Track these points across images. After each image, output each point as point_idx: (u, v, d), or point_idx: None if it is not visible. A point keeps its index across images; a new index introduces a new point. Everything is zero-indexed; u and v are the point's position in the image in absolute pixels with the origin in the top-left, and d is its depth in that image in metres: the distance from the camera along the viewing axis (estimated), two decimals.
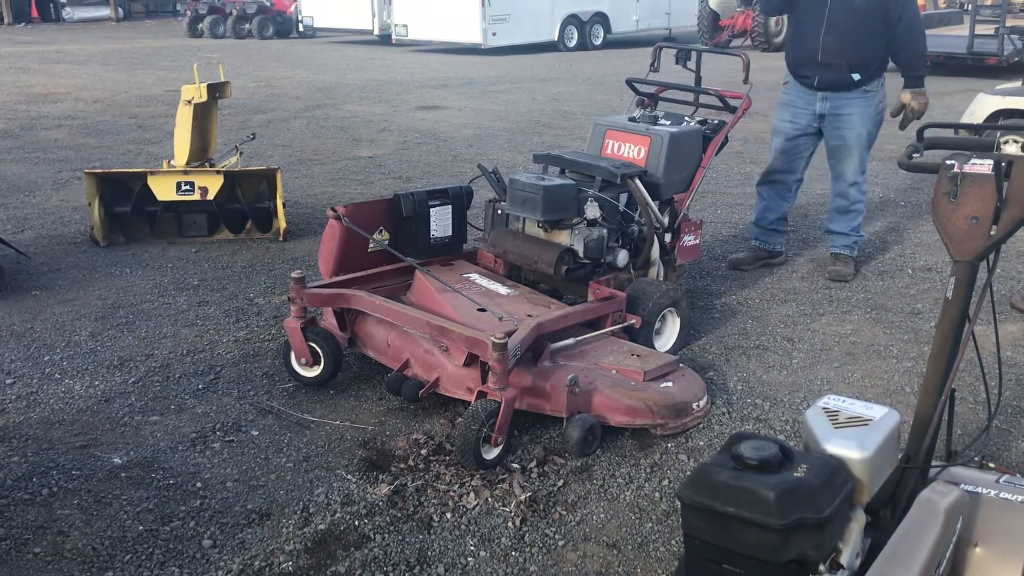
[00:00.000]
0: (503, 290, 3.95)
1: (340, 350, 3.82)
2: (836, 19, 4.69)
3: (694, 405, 3.48)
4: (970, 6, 15.51)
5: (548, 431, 3.41)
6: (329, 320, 3.95)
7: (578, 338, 3.64)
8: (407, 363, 3.62)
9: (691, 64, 4.75)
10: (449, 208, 4.22)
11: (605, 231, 4.00)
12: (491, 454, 3.16)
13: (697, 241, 4.49)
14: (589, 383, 3.34)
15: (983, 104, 7.48)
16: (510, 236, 4.13)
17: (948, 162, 2.23)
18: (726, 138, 4.51)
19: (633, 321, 3.82)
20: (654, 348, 3.86)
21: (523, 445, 3.32)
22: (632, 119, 4.49)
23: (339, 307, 3.87)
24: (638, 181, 4.09)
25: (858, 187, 5.06)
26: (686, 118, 4.52)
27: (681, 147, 4.28)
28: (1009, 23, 13.75)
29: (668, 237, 4.29)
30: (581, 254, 3.95)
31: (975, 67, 14.12)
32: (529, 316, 3.58)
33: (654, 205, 4.15)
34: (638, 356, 3.61)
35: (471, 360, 3.37)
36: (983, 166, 2.17)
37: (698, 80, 4.78)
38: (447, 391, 3.48)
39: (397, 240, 4.14)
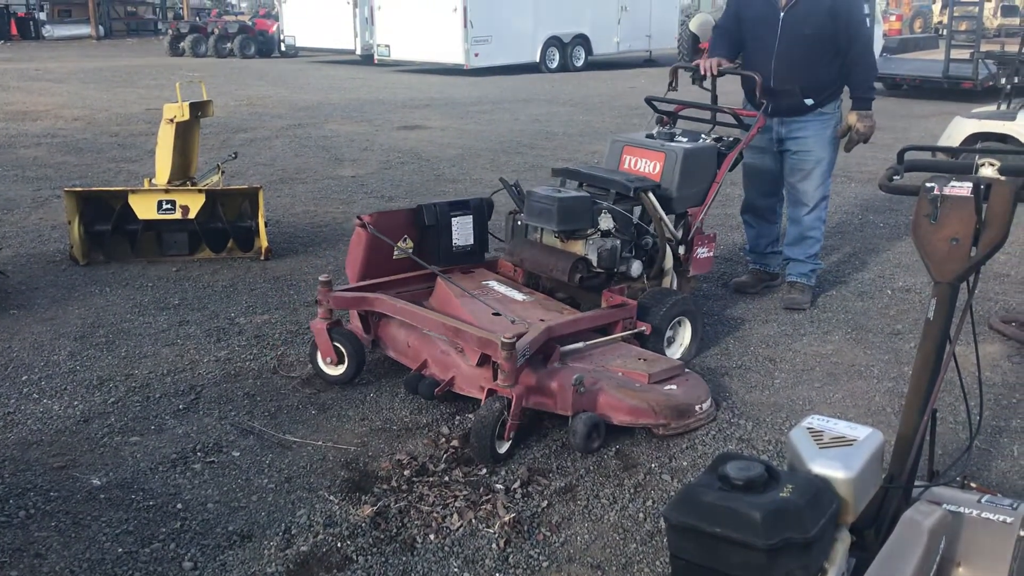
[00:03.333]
0: (519, 296, 4.10)
1: (363, 350, 3.99)
2: (786, 46, 4.70)
3: (697, 407, 3.58)
4: (946, 31, 15.75)
5: (531, 451, 3.40)
6: (354, 323, 4.10)
7: (588, 342, 3.77)
8: (425, 363, 3.78)
9: (707, 84, 4.84)
10: (470, 218, 4.41)
11: (619, 242, 4.12)
12: (503, 448, 3.32)
13: (710, 254, 4.58)
14: (595, 383, 3.45)
15: (959, 127, 7.59)
16: (528, 245, 4.29)
17: (928, 184, 2.25)
18: (740, 154, 4.62)
19: (643, 328, 3.93)
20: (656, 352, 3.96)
21: (507, 465, 3.31)
22: (649, 136, 4.62)
23: (362, 310, 4.03)
24: (651, 195, 4.22)
25: (816, 215, 4.98)
26: (702, 135, 4.64)
27: (695, 163, 4.38)
28: (984, 48, 13.96)
29: (681, 250, 4.39)
30: (595, 263, 4.07)
31: (951, 91, 14.33)
32: (541, 320, 3.72)
33: (667, 218, 4.27)
34: (644, 360, 3.72)
35: (484, 360, 3.51)
36: (963, 188, 2.20)
37: (714, 99, 4.88)
38: (461, 389, 3.63)
39: (421, 248, 4.31)
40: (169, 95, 6.15)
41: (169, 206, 5.56)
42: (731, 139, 4.65)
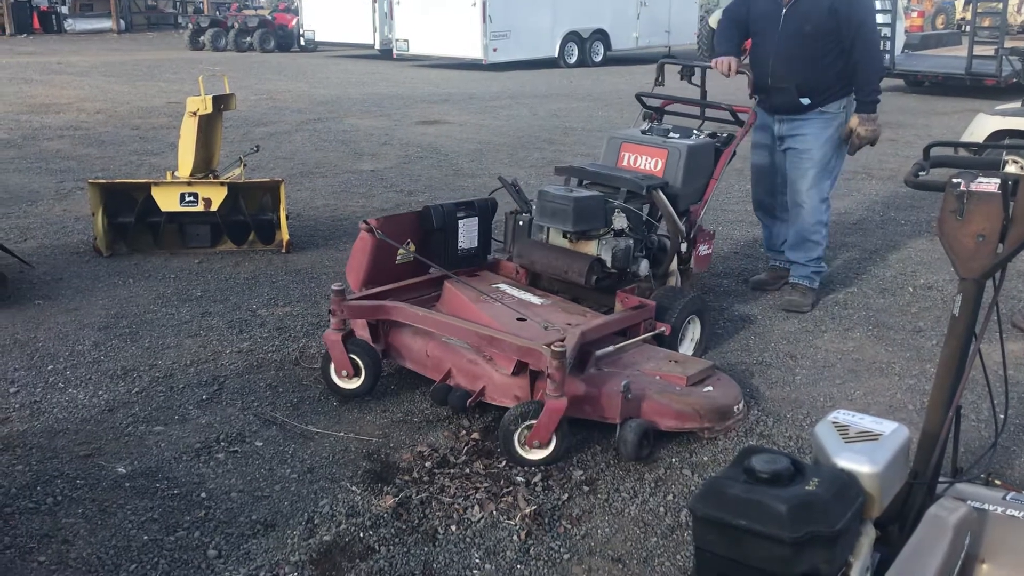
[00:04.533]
0: (535, 299, 4.01)
1: (379, 361, 3.82)
2: (785, 44, 4.61)
3: (735, 408, 3.57)
4: (969, 27, 15.62)
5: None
6: (361, 332, 3.93)
7: (618, 345, 3.70)
8: (449, 373, 3.64)
9: (695, 79, 4.81)
10: (475, 220, 4.30)
11: (632, 241, 4.09)
12: (533, 455, 3.25)
13: (710, 251, 4.58)
14: (639, 389, 3.39)
15: (983, 124, 7.53)
16: (537, 247, 4.22)
17: (955, 180, 2.24)
18: (735, 150, 4.58)
19: (663, 328, 3.89)
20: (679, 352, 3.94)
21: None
22: (644, 132, 4.57)
23: (379, 319, 3.86)
24: (661, 192, 4.19)
25: (815, 217, 4.83)
26: (695, 131, 4.60)
27: (697, 159, 4.38)
28: (1007, 44, 13.85)
29: (684, 247, 4.37)
30: (609, 264, 4.03)
31: (973, 87, 14.21)
32: (569, 325, 3.65)
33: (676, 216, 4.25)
34: (676, 362, 3.68)
35: (519, 369, 3.42)
36: (990, 184, 2.18)
37: (703, 94, 4.85)
38: (493, 400, 3.51)
39: (425, 252, 4.19)
40: (189, 89, 6.20)
41: (192, 198, 5.61)
42: (725, 135, 4.62)
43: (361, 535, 2.86)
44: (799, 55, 4.62)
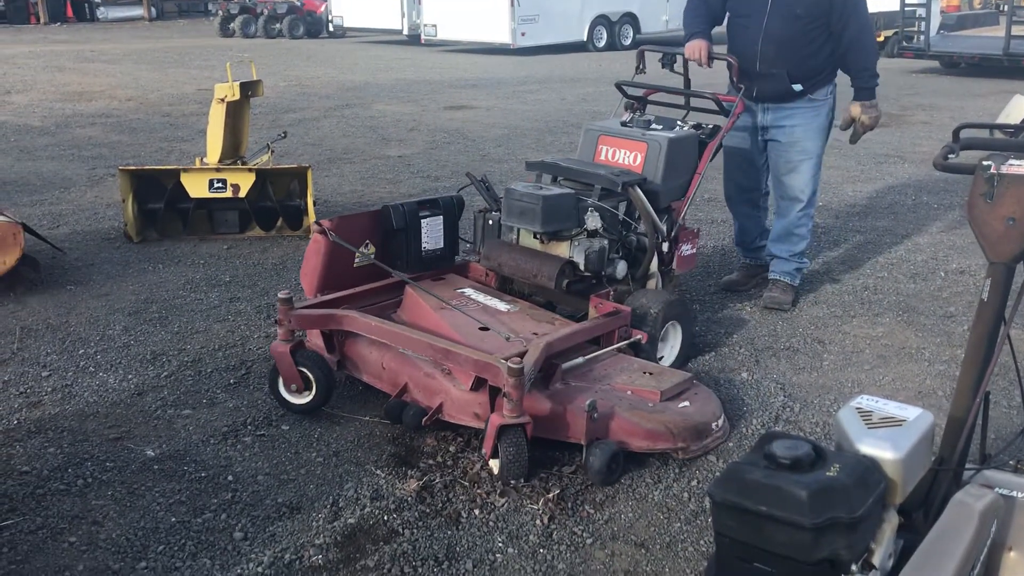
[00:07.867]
0: (502, 306, 3.76)
1: (332, 373, 3.58)
2: (775, 26, 4.33)
3: (713, 425, 3.30)
4: (1006, 7, 15.31)
5: None
6: (316, 341, 3.70)
7: (587, 356, 3.47)
8: (405, 387, 3.42)
9: (678, 67, 4.55)
10: (440, 219, 4.05)
11: (606, 242, 3.88)
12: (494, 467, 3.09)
13: (694, 250, 4.30)
14: (606, 406, 3.14)
15: (1019, 105, 7.40)
16: (505, 248, 3.97)
17: (985, 163, 2.20)
18: (721, 143, 4.33)
19: (639, 336, 3.65)
20: (657, 363, 3.70)
21: (551, 443, 3.31)
22: (624, 124, 4.32)
23: (330, 329, 3.64)
24: (639, 189, 3.95)
25: (804, 211, 4.61)
26: (678, 122, 4.35)
27: (679, 153, 4.11)
28: None
29: (665, 247, 4.09)
30: (582, 266, 3.80)
31: (1011, 68, 13.95)
32: (535, 335, 3.42)
33: (655, 214, 4.00)
34: (651, 374, 3.43)
35: (478, 384, 3.20)
36: (1021, 167, 2.14)
37: (687, 83, 4.60)
38: (451, 418, 3.27)
39: (386, 254, 3.95)
40: (219, 75, 6.24)
41: (220, 185, 5.65)
42: (710, 126, 4.34)
43: (385, 518, 2.88)
44: (790, 39, 4.36)
